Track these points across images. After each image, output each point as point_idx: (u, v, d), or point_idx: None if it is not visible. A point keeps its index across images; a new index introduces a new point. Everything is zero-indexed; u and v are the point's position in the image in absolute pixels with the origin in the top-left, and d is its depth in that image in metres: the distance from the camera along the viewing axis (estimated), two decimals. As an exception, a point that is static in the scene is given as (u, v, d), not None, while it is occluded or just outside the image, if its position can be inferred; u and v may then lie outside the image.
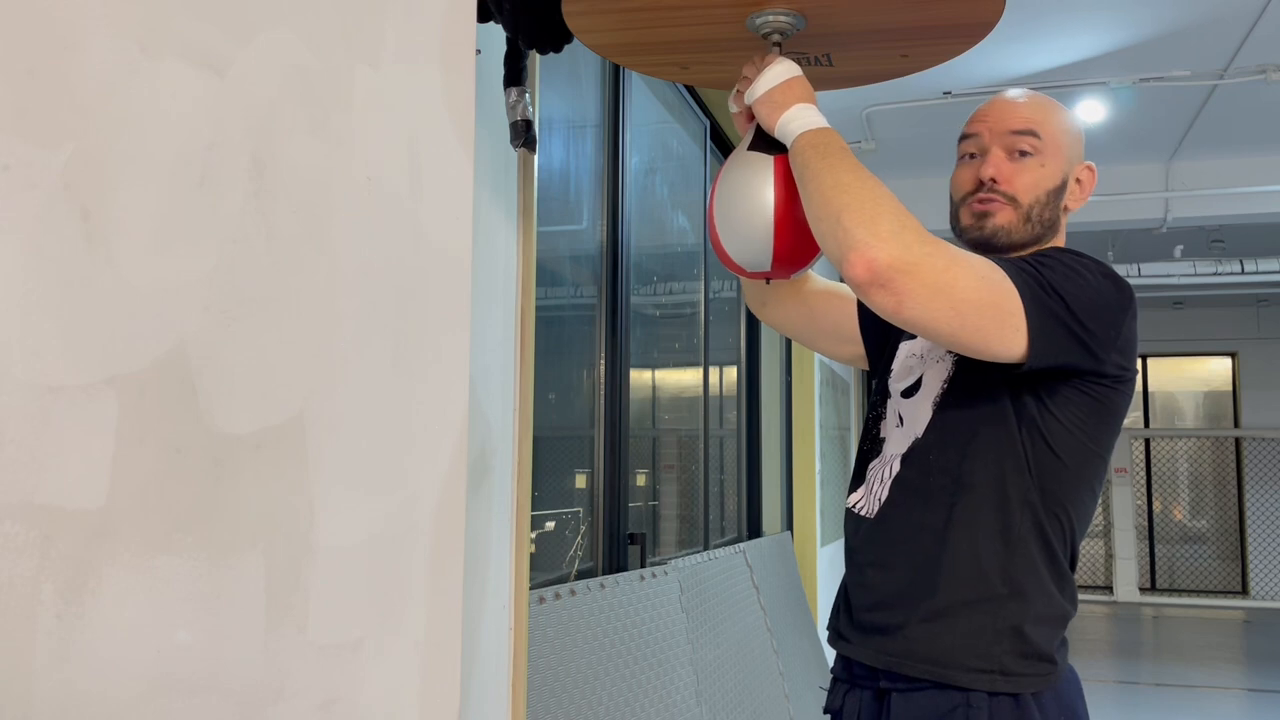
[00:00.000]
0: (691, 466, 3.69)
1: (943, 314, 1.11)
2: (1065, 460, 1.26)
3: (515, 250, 1.62)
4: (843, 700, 1.39)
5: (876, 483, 1.38)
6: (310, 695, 0.79)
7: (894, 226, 1.10)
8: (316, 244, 0.82)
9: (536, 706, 1.81)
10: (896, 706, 1.28)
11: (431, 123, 0.97)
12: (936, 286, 1.10)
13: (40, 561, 0.59)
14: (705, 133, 3.86)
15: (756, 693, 3.12)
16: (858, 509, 1.40)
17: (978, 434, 1.27)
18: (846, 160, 1.18)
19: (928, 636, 1.26)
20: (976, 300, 1.13)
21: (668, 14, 1.29)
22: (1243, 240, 6.69)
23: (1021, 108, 1.34)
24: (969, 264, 1.14)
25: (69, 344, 0.61)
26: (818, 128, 1.23)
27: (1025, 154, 1.32)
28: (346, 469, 0.84)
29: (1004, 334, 1.15)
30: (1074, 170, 1.35)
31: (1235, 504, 10.58)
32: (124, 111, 0.65)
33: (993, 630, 1.24)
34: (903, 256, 1.09)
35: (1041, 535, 1.26)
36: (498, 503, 1.54)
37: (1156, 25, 3.86)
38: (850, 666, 1.38)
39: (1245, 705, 6.02)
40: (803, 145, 1.22)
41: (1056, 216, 1.33)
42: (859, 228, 1.10)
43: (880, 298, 1.10)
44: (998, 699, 1.23)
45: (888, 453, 1.39)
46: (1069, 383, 1.24)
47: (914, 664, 1.27)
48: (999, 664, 1.23)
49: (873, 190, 1.14)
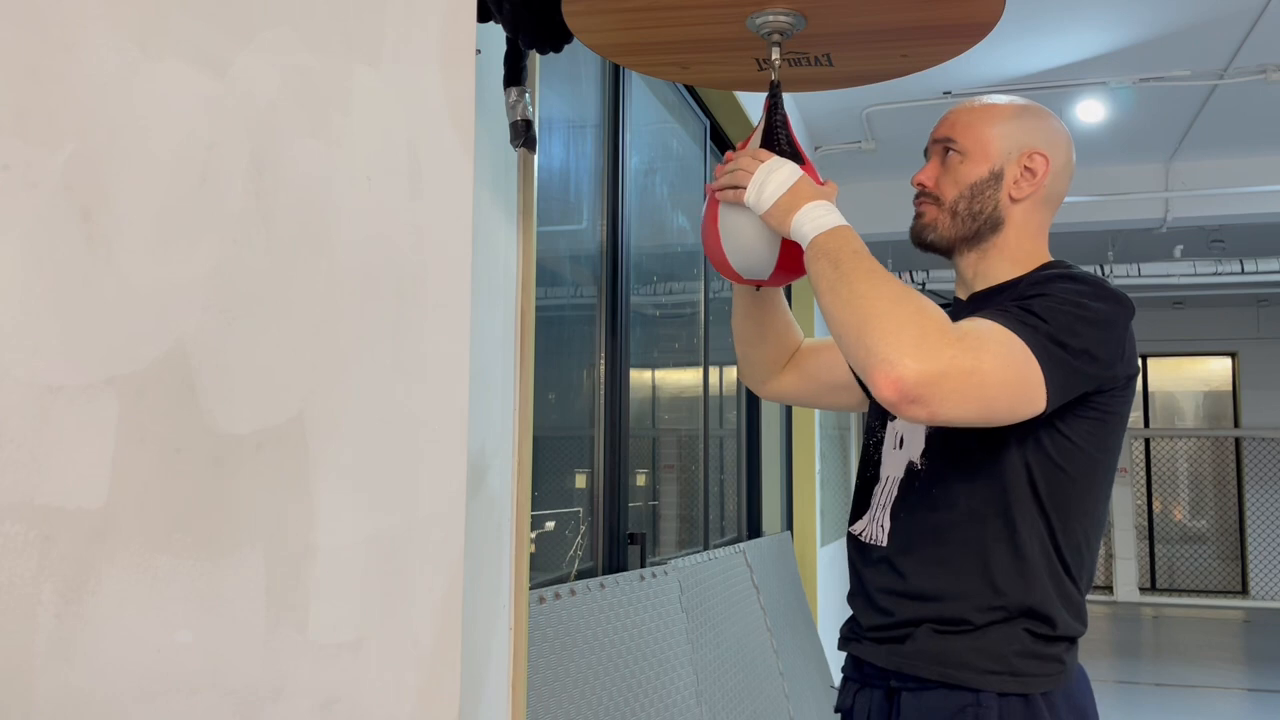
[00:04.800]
0: (691, 466, 3.69)
1: (974, 411, 1.13)
2: (1073, 474, 1.27)
3: (515, 250, 1.62)
4: (853, 699, 1.40)
5: (878, 510, 1.39)
6: (310, 695, 0.79)
7: (916, 336, 1.10)
8: (316, 244, 0.82)
9: (536, 706, 1.81)
10: (906, 705, 1.30)
11: (431, 123, 0.97)
12: (965, 389, 1.10)
13: (40, 561, 0.59)
14: (705, 133, 3.86)
15: (756, 693, 3.12)
16: (862, 536, 1.41)
17: (976, 455, 1.28)
18: (860, 265, 1.17)
19: (936, 645, 1.29)
20: (1003, 385, 1.14)
21: (668, 14, 1.29)
22: (1243, 240, 6.69)
23: (948, 117, 1.41)
24: (990, 349, 1.14)
25: (69, 344, 0.61)
26: (828, 230, 1.22)
27: (949, 154, 1.39)
28: (346, 469, 0.84)
29: (1028, 403, 1.17)
30: (1018, 159, 1.35)
31: (1235, 504, 10.58)
32: (124, 111, 0.65)
33: (1004, 638, 1.26)
34: (928, 369, 1.08)
35: (1047, 552, 1.27)
36: (498, 503, 1.54)
37: (1156, 25, 3.86)
38: (861, 666, 1.40)
39: (1245, 705, 6.02)
40: (815, 254, 1.22)
41: (992, 208, 1.35)
42: (881, 345, 1.09)
43: (912, 412, 1.10)
44: (1008, 699, 1.24)
45: (886, 475, 1.40)
46: (1079, 403, 1.25)
47: (925, 665, 1.29)
48: (1009, 665, 1.25)
49: (890, 297, 1.13)
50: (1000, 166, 1.36)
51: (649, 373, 3.33)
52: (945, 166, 1.39)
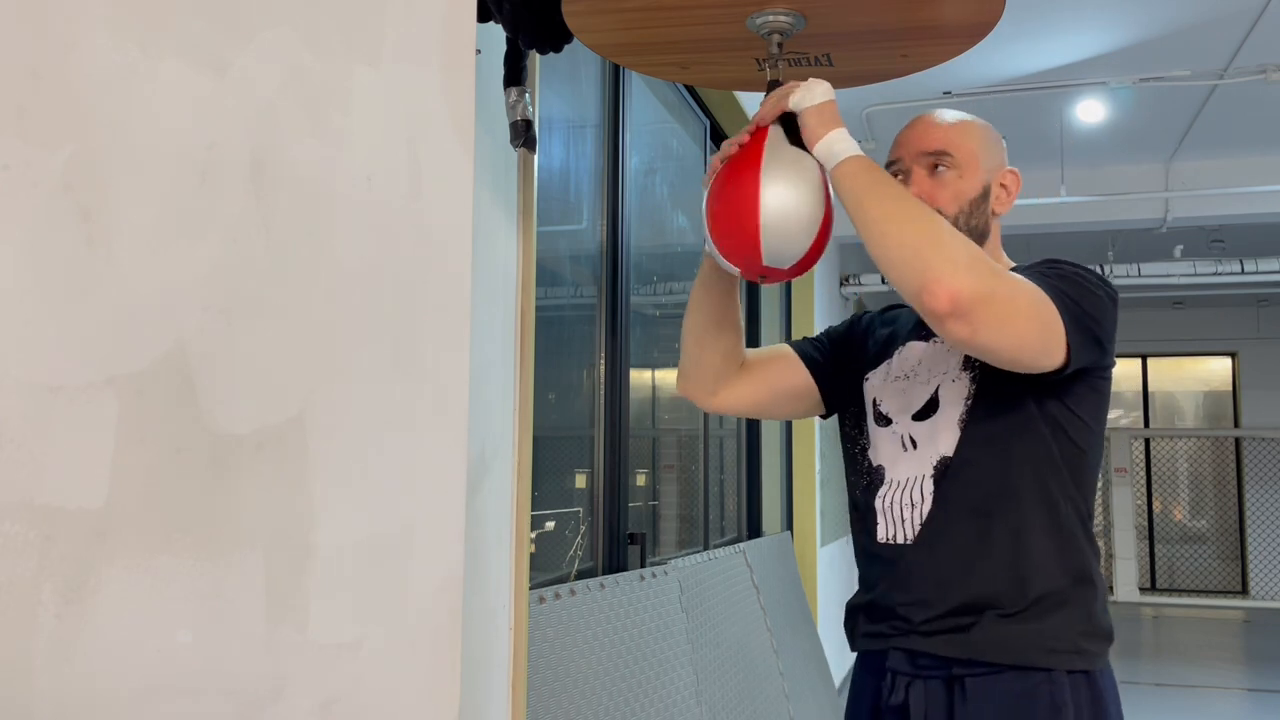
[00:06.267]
0: (691, 466, 3.69)
1: (1009, 340, 1.19)
2: (1086, 450, 1.35)
3: (515, 250, 1.62)
4: (906, 692, 1.37)
5: (904, 508, 1.39)
6: (310, 695, 0.79)
7: (969, 258, 1.17)
8: (316, 244, 0.82)
9: (536, 706, 1.81)
10: (974, 690, 1.31)
11: (431, 123, 0.97)
12: (1005, 315, 1.18)
13: (40, 561, 0.59)
14: (705, 133, 3.86)
15: (756, 693, 3.12)
16: (886, 539, 1.40)
17: (1013, 442, 1.34)
18: (905, 190, 1.24)
19: (1004, 630, 1.32)
20: (1036, 323, 1.21)
21: (668, 14, 1.29)
22: (1243, 240, 6.69)
23: (934, 129, 1.41)
24: (1025, 289, 1.21)
25: (69, 344, 0.61)
26: (864, 155, 1.26)
27: (941, 169, 1.39)
28: (346, 469, 0.84)
29: (1052, 348, 1.23)
30: (996, 177, 1.42)
31: (1235, 504, 10.58)
32: (124, 111, 0.65)
33: (1066, 617, 1.32)
34: (979, 288, 1.15)
35: (1081, 522, 1.35)
36: (498, 503, 1.54)
37: (1156, 25, 3.86)
38: (914, 659, 1.37)
39: (1245, 705, 6.02)
40: (855, 169, 1.25)
41: (984, 223, 1.41)
42: (939, 260, 1.16)
43: (956, 327, 1.16)
44: (1074, 676, 1.30)
45: (901, 477, 1.40)
46: (1082, 380, 1.33)
47: (996, 651, 1.31)
48: (1074, 644, 1.31)
49: (939, 221, 1.21)
50: (987, 183, 1.41)
51: (649, 373, 3.33)
52: (939, 181, 1.39)
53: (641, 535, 2.69)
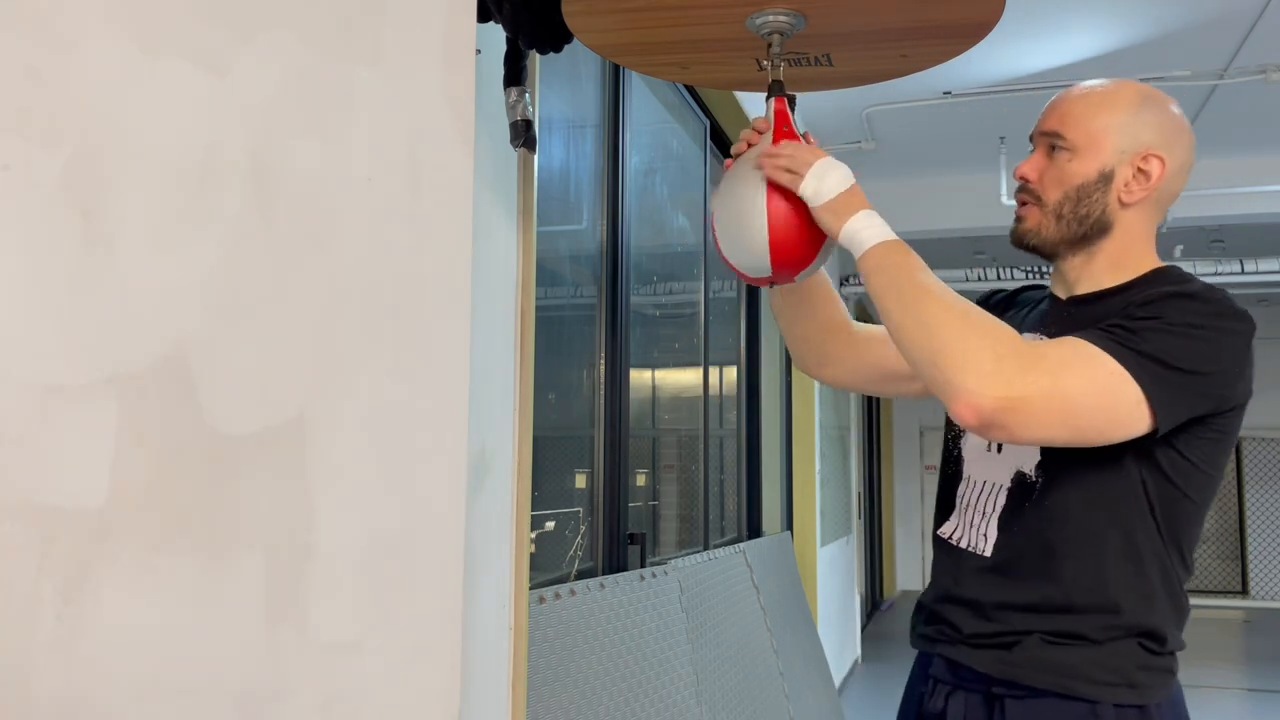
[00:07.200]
0: (691, 466, 3.69)
1: (1059, 433, 1.12)
2: (1188, 493, 1.24)
3: (515, 250, 1.62)
4: (946, 701, 1.34)
5: (976, 515, 1.34)
6: (310, 695, 0.79)
7: (993, 360, 1.09)
8: (316, 244, 0.82)
9: (536, 706, 1.81)
10: (1013, 712, 1.25)
11: (431, 123, 0.97)
12: (1046, 413, 1.10)
13: (40, 561, 0.59)
14: (705, 133, 3.86)
15: (756, 692, 3.12)
16: (957, 541, 1.36)
17: (1093, 471, 1.24)
18: (928, 283, 1.16)
19: (1048, 655, 1.25)
20: (1088, 406, 1.12)
21: (668, 14, 1.29)
22: (1243, 240, 6.69)
23: (1058, 105, 1.33)
24: (1075, 369, 1.12)
25: (69, 344, 0.61)
26: (889, 241, 1.20)
27: (1057, 150, 1.31)
28: (346, 469, 0.84)
29: (1124, 424, 1.14)
30: (1127, 159, 1.27)
31: (1235, 504, 10.58)
32: (124, 111, 0.65)
33: (1122, 652, 1.23)
34: (1007, 395, 1.07)
35: (1165, 566, 1.26)
36: (498, 503, 1.54)
37: (1156, 25, 3.86)
38: (957, 669, 1.33)
39: (1245, 705, 6.02)
40: (877, 264, 1.19)
41: (1100, 212, 1.28)
42: (958, 373, 1.09)
43: (994, 436, 1.11)
44: (1124, 710, 1.21)
45: (980, 479, 1.35)
46: (1199, 424, 1.21)
47: (1037, 674, 1.24)
48: (1127, 677, 1.22)
49: (962, 317, 1.12)
50: (1111, 167, 1.27)
51: (649, 373, 3.33)
52: (1051, 161, 1.30)
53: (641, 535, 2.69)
